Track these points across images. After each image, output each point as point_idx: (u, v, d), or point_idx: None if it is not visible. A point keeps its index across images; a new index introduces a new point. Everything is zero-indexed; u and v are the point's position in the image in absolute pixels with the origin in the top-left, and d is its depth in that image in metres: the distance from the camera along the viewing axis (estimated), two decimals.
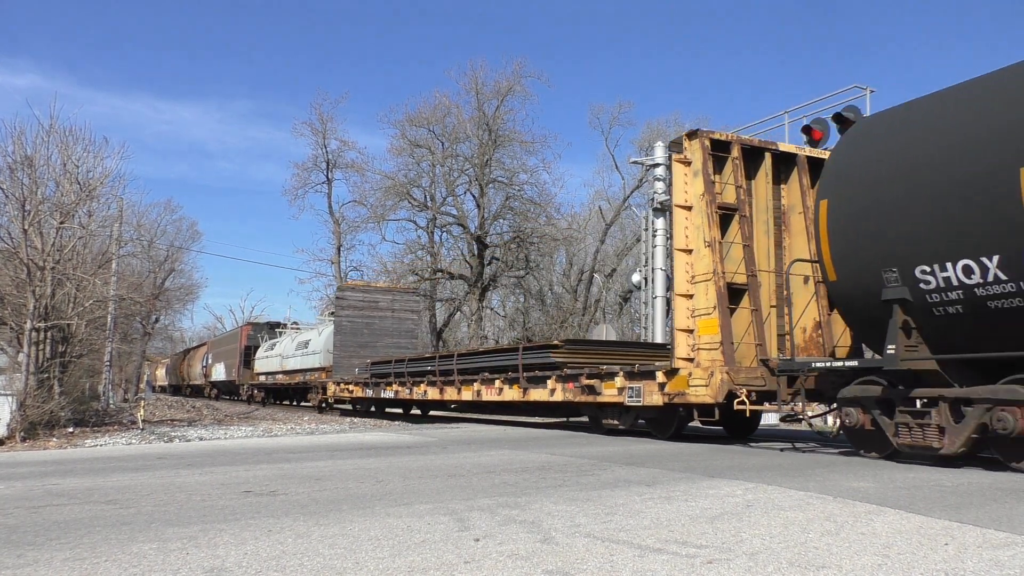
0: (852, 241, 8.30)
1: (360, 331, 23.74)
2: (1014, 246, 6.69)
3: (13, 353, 17.10)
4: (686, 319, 10.62)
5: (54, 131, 17.01)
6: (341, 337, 23.53)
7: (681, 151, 11.03)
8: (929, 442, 7.57)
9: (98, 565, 3.61)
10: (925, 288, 7.56)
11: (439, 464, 7.74)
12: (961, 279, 7.24)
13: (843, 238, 8.41)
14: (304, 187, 43.22)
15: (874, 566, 3.43)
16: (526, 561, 3.56)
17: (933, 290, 7.51)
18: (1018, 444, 7.03)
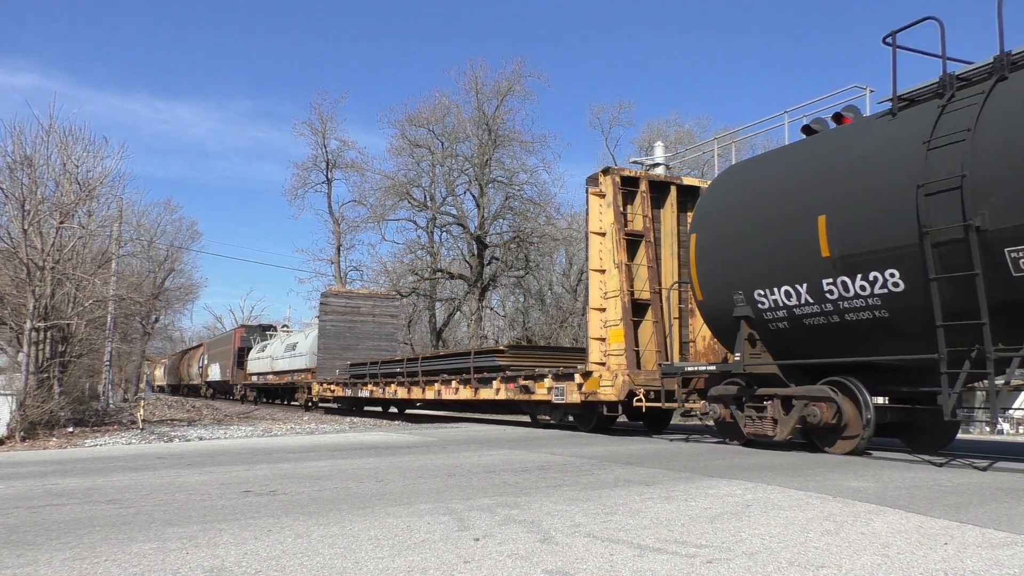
0: (712, 268, 10.07)
1: (343, 335, 25.35)
2: (815, 278, 8.51)
3: (13, 353, 17.10)
4: (599, 329, 12.40)
5: (54, 131, 17.02)
6: (325, 340, 25.13)
7: (596, 185, 12.80)
8: (766, 431, 9.31)
9: (98, 565, 3.61)
10: (762, 307, 9.31)
11: (439, 464, 7.74)
12: (784, 301, 8.99)
13: (706, 265, 10.17)
14: (304, 187, 43.27)
15: (874, 566, 3.44)
16: (526, 561, 3.56)
17: (767, 309, 9.27)
18: (827, 432, 8.80)
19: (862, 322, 8.25)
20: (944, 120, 7.46)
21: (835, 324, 8.54)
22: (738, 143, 10.88)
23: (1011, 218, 6.70)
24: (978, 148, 7.06)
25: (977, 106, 7.22)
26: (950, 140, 7.28)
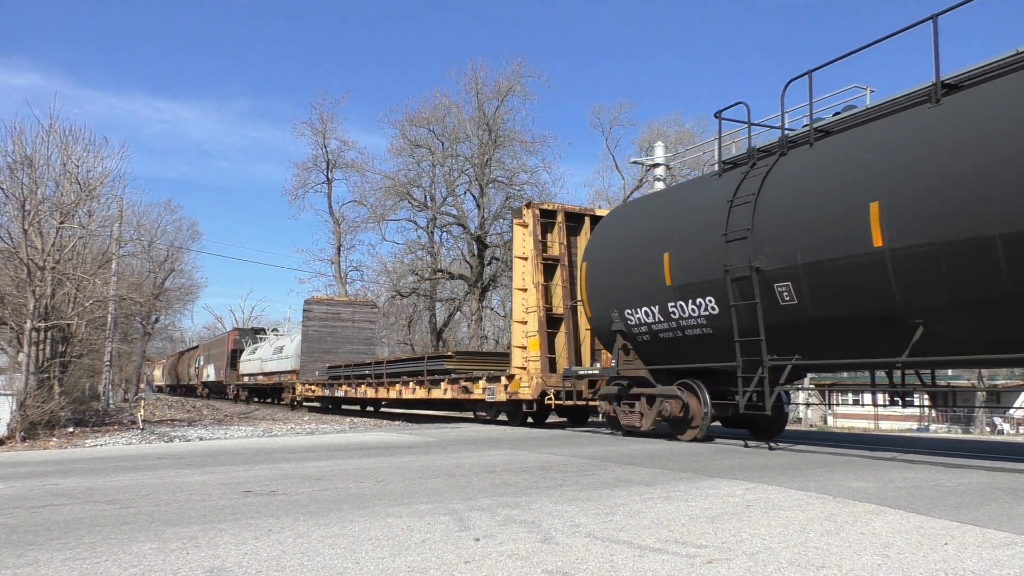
0: (597, 291, 12.25)
1: (324, 339, 27.71)
2: (663, 301, 10.66)
3: (13, 353, 17.11)
4: (521, 339, 14.56)
5: (54, 131, 17.03)
6: (307, 344, 27.45)
7: (520, 217, 15.17)
8: (635, 423, 11.49)
9: (98, 565, 3.61)
10: (631, 323, 11.40)
11: (439, 464, 7.74)
12: (645, 319, 11.09)
13: (593, 289, 12.34)
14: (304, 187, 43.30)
15: (874, 566, 3.44)
16: (526, 561, 3.56)
17: (634, 325, 11.35)
18: (678, 423, 10.74)
19: (696, 336, 10.42)
20: (743, 184, 9.56)
21: (680, 337, 10.68)
22: (738, 143, 10.94)
23: (778, 263, 8.82)
24: (759, 209, 9.14)
25: (761, 176, 9.34)
26: (743, 201, 9.40)
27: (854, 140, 8.51)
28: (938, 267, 7.24)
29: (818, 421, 38.36)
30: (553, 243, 14.97)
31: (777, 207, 8.97)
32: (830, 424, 37.32)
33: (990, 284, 6.92)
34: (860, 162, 8.15)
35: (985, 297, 7.02)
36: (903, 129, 7.94)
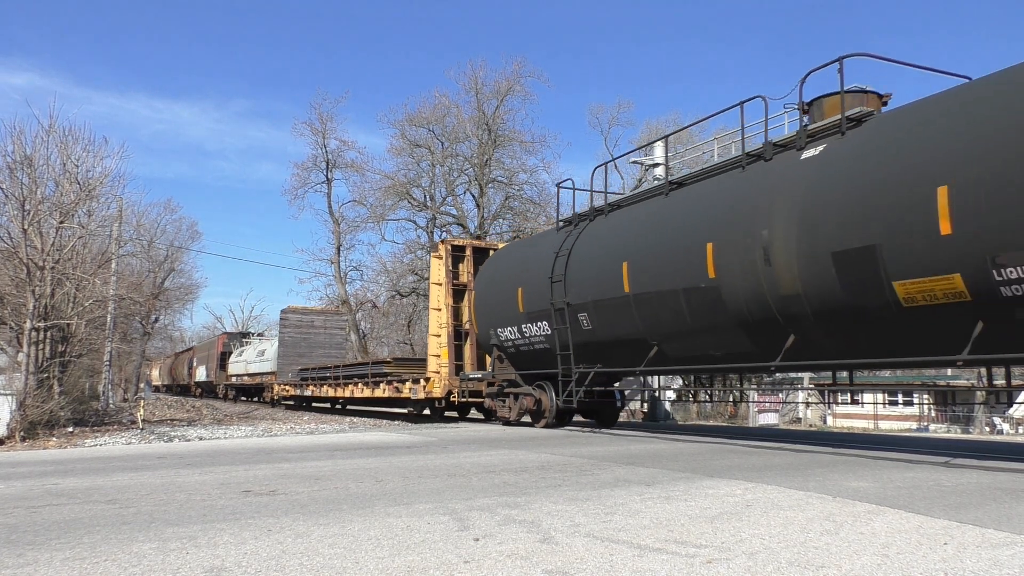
0: (480, 313, 15.69)
1: (299, 344, 30.98)
2: (519, 324, 14.16)
3: (13, 353, 17.10)
4: (436, 348, 17.80)
5: (53, 131, 17.02)
6: (283, 349, 30.80)
7: (436, 250, 18.63)
8: (506, 414, 14.90)
9: (98, 565, 3.61)
10: (502, 339, 14.82)
11: (439, 464, 7.74)
12: (510, 336, 14.62)
13: (478, 311, 15.79)
14: (304, 187, 43.34)
15: (873, 566, 3.44)
16: (526, 561, 3.56)
17: (504, 340, 14.79)
18: (535, 414, 14.18)
19: (540, 350, 13.88)
20: (564, 241, 13.06)
21: (531, 350, 14.17)
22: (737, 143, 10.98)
23: (579, 299, 12.30)
24: (571, 260, 12.64)
25: (575, 237, 12.90)
26: (563, 253, 12.83)
27: (620, 217, 12.31)
28: (656, 308, 10.67)
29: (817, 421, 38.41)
30: (463, 272, 18.14)
31: (581, 260, 12.45)
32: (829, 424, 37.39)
33: (680, 321, 10.32)
34: (621, 233, 11.88)
35: (679, 329, 10.47)
36: (645, 212, 11.63)
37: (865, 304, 7.85)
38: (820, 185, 8.37)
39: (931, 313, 7.32)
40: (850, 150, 8.28)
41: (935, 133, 7.39)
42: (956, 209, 6.91)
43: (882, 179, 7.64)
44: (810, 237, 8.28)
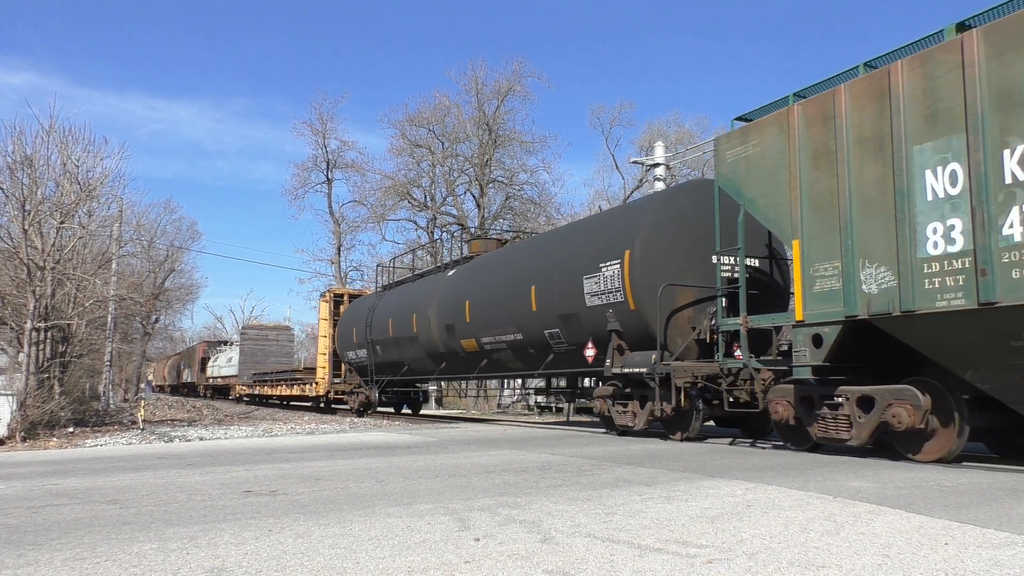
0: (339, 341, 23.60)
1: (255, 353, 39.14)
2: (356, 349, 22.15)
3: (13, 353, 17.11)
4: (323, 362, 25.44)
5: (54, 131, 17.02)
6: (243, 357, 39.17)
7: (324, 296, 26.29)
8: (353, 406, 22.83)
9: (98, 565, 3.61)
10: (349, 358, 22.82)
11: (439, 464, 7.74)
12: (352, 357, 22.66)
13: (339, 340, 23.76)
14: (304, 187, 43.28)
15: (874, 566, 3.44)
16: (526, 561, 3.56)
17: (350, 359, 23.00)
18: (366, 406, 22.12)
19: (364, 366, 21.54)
20: (374, 302, 21.37)
21: (362, 366, 22.05)
22: None
23: (376, 336, 20.57)
24: (375, 312, 20.93)
25: (381, 297, 21.29)
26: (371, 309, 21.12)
27: (396, 291, 20.91)
28: (402, 345, 19.08)
29: None
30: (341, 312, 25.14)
31: (377, 315, 20.61)
32: None
33: (410, 352, 18.69)
34: (392, 301, 20.23)
35: (411, 357, 18.87)
36: (429, 283, 18.77)
37: (455, 350, 16.90)
38: (449, 289, 17.23)
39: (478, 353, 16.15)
40: (465, 272, 17.06)
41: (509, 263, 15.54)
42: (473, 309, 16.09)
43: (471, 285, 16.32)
44: (441, 315, 17.17)
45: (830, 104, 8.13)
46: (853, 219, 7.84)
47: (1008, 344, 6.60)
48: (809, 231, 8.37)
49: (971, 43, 6.78)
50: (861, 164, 7.79)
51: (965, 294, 6.70)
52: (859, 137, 7.82)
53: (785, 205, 8.66)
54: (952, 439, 7.46)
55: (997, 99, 6.57)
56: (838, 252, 8.00)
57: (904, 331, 7.45)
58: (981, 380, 7.07)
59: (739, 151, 9.38)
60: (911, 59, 7.38)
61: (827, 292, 8.13)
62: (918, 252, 7.15)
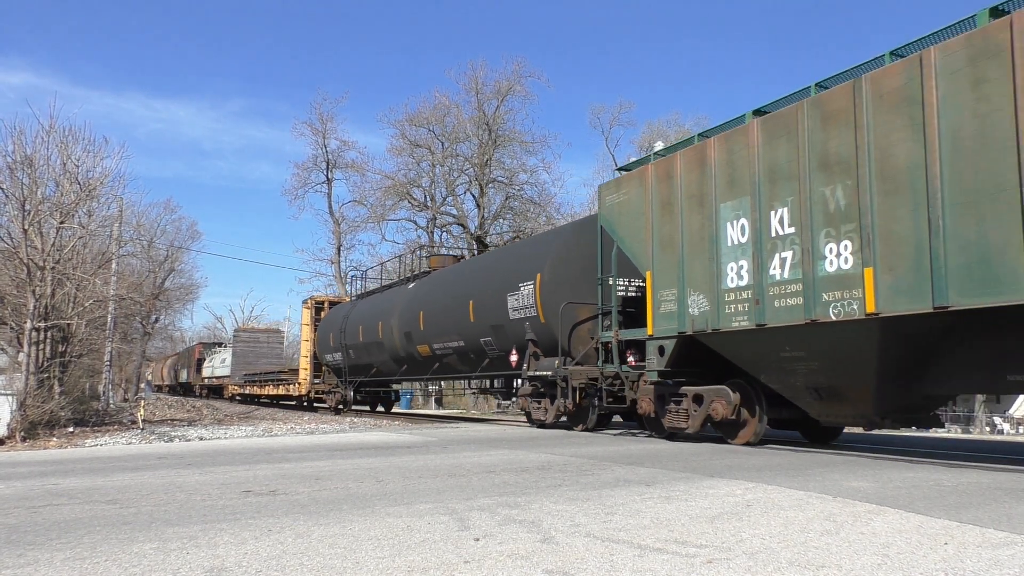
0: (319, 344, 26.61)
1: (247, 355, 41.06)
2: (332, 352, 24.85)
3: (13, 353, 17.11)
4: (305, 364, 27.82)
5: (53, 131, 17.01)
6: (235, 358, 41.31)
7: (306, 303, 28.25)
8: (331, 405, 25.73)
9: (98, 565, 3.61)
10: (328, 360, 25.87)
11: (439, 464, 7.75)
12: (330, 359, 25.62)
13: (320, 344, 26.47)
14: (304, 187, 43.31)
15: (874, 565, 3.44)
16: (526, 561, 3.56)
17: (328, 361, 25.80)
18: (344, 403, 25.04)
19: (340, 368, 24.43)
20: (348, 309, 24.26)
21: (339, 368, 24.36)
22: None
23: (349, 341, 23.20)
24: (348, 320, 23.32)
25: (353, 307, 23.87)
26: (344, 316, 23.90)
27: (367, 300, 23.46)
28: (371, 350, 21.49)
29: None
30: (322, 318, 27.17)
31: (351, 321, 22.87)
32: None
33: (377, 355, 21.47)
34: (364, 310, 22.65)
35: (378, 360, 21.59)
36: (400, 292, 20.53)
37: (412, 354, 19.13)
38: (408, 301, 19.45)
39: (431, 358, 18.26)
40: (423, 285, 19.20)
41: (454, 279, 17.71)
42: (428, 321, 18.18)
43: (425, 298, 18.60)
44: (401, 323, 19.36)
45: (672, 166, 10.28)
46: (685, 257, 10.00)
47: (779, 355, 8.77)
48: (658, 265, 10.50)
49: (754, 129, 8.95)
50: (690, 214, 9.93)
51: (748, 317, 8.93)
52: (689, 194, 9.95)
53: (642, 243, 10.81)
54: (756, 426, 9.68)
55: (768, 173, 8.74)
56: (676, 282, 10.14)
57: (717, 344, 9.62)
58: (771, 381, 9.23)
59: (614, 197, 11.50)
60: (719, 137, 9.56)
61: (668, 313, 10.29)
62: (722, 285, 9.33)
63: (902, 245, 7.24)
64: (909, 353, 7.74)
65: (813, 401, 8.86)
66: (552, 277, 13.27)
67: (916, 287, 7.08)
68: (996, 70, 6.55)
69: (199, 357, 51.28)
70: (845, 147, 7.83)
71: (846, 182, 7.81)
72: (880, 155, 7.48)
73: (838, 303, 7.85)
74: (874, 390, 8.09)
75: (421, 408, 36.03)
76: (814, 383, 8.67)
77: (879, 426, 8.78)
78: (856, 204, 7.70)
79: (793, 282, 8.34)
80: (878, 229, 7.46)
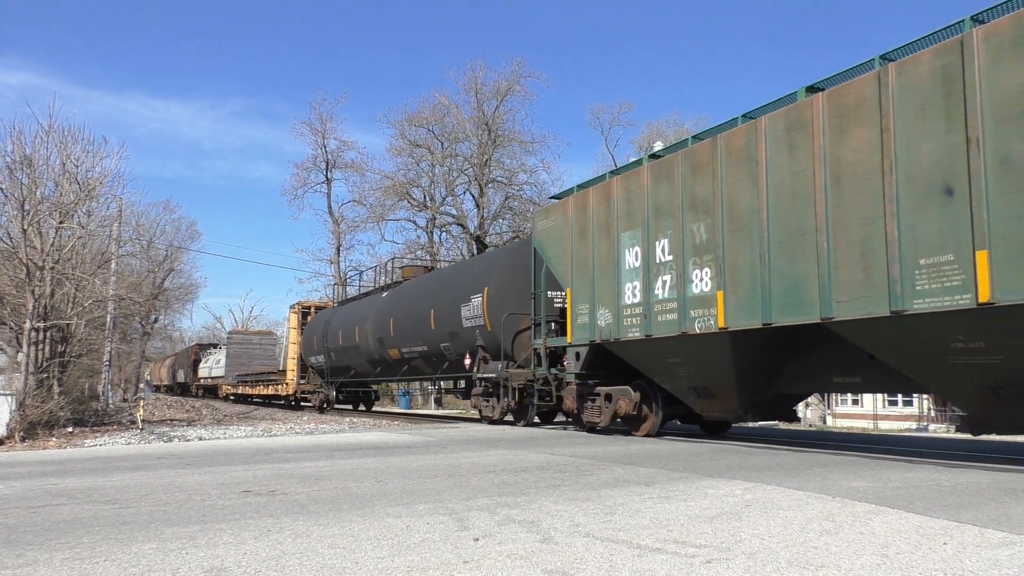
0: (304, 348, 28.08)
1: (241, 356, 42.37)
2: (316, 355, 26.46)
3: (13, 353, 17.09)
4: (292, 364, 29.32)
5: (53, 131, 17.00)
6: (229, 360, 42.72)
7: (293, 308, 29.95)
8: (314, 403, 27.62)
9: (97, 565, 3.61)
10: (312, 362, 27.40)
11: (438, 464, 7.75)
12: (314, 361, 27.04)
13: (305, 346, 27.88)
14: (304, 187, 43.33)
15: (873, 565, 3.44)
16: (525, 561, 3.56)
17: (313, 363, 27.25)
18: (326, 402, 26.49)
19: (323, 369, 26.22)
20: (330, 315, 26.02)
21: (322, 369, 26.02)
22: None
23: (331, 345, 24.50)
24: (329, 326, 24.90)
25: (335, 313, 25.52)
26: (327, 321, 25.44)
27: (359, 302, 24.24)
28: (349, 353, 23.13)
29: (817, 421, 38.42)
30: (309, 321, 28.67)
31: (332, 326, 24.29)
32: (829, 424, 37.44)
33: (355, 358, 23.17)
34: (343, 315, 24.22)
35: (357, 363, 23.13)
36: (375, 301, 22.20)
37: (385, 357, 20.56)
38: (380, 308, 20.97)
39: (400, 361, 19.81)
40: (393, 295, 20.89)
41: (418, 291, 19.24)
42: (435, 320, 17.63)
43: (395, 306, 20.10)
44: (374, 328, 20.85)
45: (587, 199, 12.00)
46: (595, 277, 11.67)
47: (665, 360, 10.55)
48: (575, 283, 12.21)
49: (645, 172, 10.64)
50: (600, 241, 11.64)
51: (640, 329, 10.66)
52: (599, 223, 11.66)
53: (564, 264, 12.56)
54: (654, 420, 11.45)
55: (655, 210, 10.43)
56: (588, 298, 11.83)
57: (620, 351, 11.30)
58: (662, 382, 11.01)
59: (544, 224, 13.35)
60: (621, 176, 11.29)
61: (583, 324, 11.98)
62: (622, 301, 11.02)
63: (743, 274, 8.96)
64: (758, 360, 9.51)
65: (695, 399, 10.66)
66: (497, 291, 14.89)
67: (752, 307, 8.80)
68: (803, 139, 8.21)
69: (195, 358, 52.72)
70: (706, 192, 9.55)
71: (707, 221, 9.55)
72: (729, 201, 9.19)
73: (701, 319, 9.61)
74: (736, 390, 9.87)
75: (421, 408, 36.21)
76: (693, 384, 10.45)
77: (744, 419, 10.80)
78: (713, 239, 9.44)
79: (671, 300, 10.10)
80: (727, 260, 9.19)
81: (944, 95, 6.83)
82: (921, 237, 6.93)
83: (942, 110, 6.84)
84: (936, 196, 6.82)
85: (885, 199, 7.25)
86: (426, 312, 17.80)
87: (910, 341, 7.33)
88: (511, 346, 14.60)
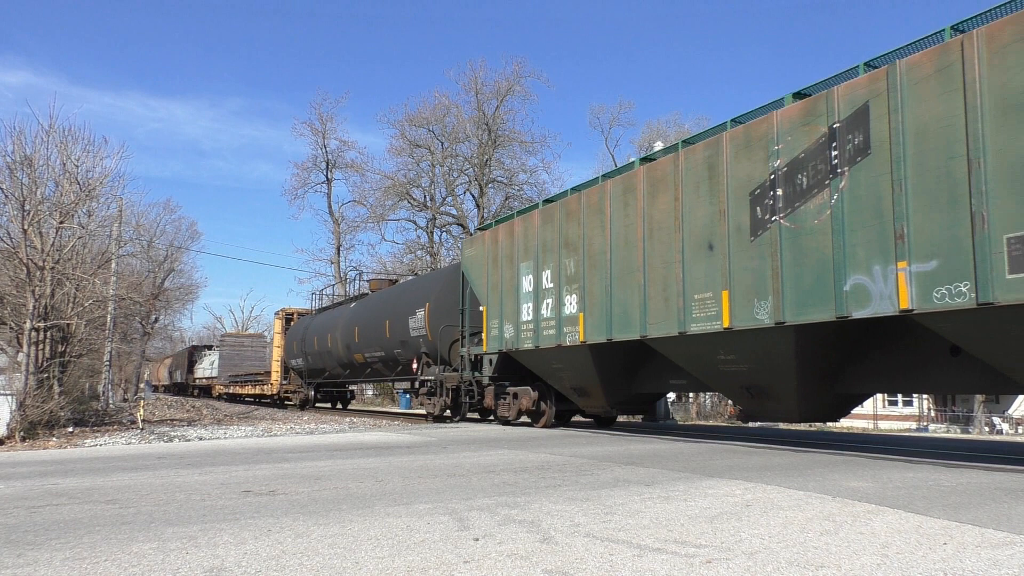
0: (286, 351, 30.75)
1: (233, 358, 44.57)
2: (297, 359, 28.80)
3: (13, 353, 17.09)
4: (277, 366, 31.61)
5: (53, 131, 17.00)
6: (222, 361, 44.99)
7: (277, 314, 32.46)
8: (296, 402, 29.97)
9: (98, 565, 3.61)
10: (293, 364, 30.00)
11: (438, 464, 7.75)
12: (294, 364, 29.48)
13: (286, 349, 30.76)
14: (304, 187, 43.37)
15: (873, 565, 3.44)
16: (525, 561, 3.56)
17: (293, 365, 29.67)
18: (305, 403, 29.26)
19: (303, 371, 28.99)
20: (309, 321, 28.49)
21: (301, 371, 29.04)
22: None
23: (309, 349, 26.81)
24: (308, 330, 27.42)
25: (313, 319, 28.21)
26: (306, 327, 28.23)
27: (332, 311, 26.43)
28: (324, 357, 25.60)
29: None
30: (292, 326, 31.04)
31: (310, 332, 26.94)
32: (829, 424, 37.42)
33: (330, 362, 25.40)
34: (322, 322, 26.39)
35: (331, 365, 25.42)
36: (344, 310, 24.60)
37: (352, 361, 23.04)
38: (348, 318, 23.44)
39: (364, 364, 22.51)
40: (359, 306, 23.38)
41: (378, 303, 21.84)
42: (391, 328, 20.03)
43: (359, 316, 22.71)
44: (343, 335, 23.26)
45: (498, 234, 14.62)
46: (503, 297, 14.30)
47: (551, 366, 13.12)
48: (490, 302, 14.83)
49: (536, 215, 13.28)
50: (506, 268, 14.24)
51: (532, 341, 13.26)
52: (506, 254, 14.30)
53: (482, 286, 15.17)
54: (549, 413, 13.99)
55: (542, 245, 13.03)
56: (499, 315, 14.43)
57: (520, 358, 13.93)
58: (553, 384, 13.65)
59: (470, 251, 16.04)
60: (520, 217, 13.94)
61: (495, 336, 14.58)
62: (520, 318, 13.65)
63: (597, 299, 11.54)
64: (615, 366, 12.05)
65: (577, 397, 13.15)
66: (437, 306, 17.35)
67: (601, 326, 11.41)
68: (632, 200, 10.78)
69: (191, 359, 55.29)
70: (575, 235, 12.11)
71: (575, 257, 12.12)
72: (588, 242, 11.76)
73: (570, 334, 12.17)
74: (602, 390, 12.35)
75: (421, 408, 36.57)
76: (573, 384, 12.94)
77: (612, 415, 13.72)
78: (578, 272, 11.99)
79: (552, 319, 12.68)
80: (587, 289, 11.76)
81: (709, 177, 9.46)
82: (695, 279, 9.61)
83: (708, 188, 9.47)
84: (703, 249, 9.51)
85: (675, 249, 9.93)
86: (383, 322, 20.37)
87: (694, 354, 9.98)
88: (447, 353, 17.03)
